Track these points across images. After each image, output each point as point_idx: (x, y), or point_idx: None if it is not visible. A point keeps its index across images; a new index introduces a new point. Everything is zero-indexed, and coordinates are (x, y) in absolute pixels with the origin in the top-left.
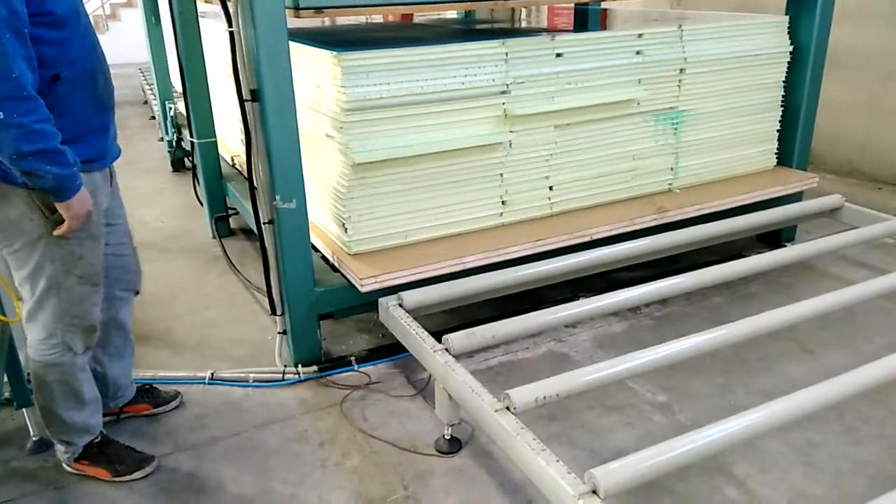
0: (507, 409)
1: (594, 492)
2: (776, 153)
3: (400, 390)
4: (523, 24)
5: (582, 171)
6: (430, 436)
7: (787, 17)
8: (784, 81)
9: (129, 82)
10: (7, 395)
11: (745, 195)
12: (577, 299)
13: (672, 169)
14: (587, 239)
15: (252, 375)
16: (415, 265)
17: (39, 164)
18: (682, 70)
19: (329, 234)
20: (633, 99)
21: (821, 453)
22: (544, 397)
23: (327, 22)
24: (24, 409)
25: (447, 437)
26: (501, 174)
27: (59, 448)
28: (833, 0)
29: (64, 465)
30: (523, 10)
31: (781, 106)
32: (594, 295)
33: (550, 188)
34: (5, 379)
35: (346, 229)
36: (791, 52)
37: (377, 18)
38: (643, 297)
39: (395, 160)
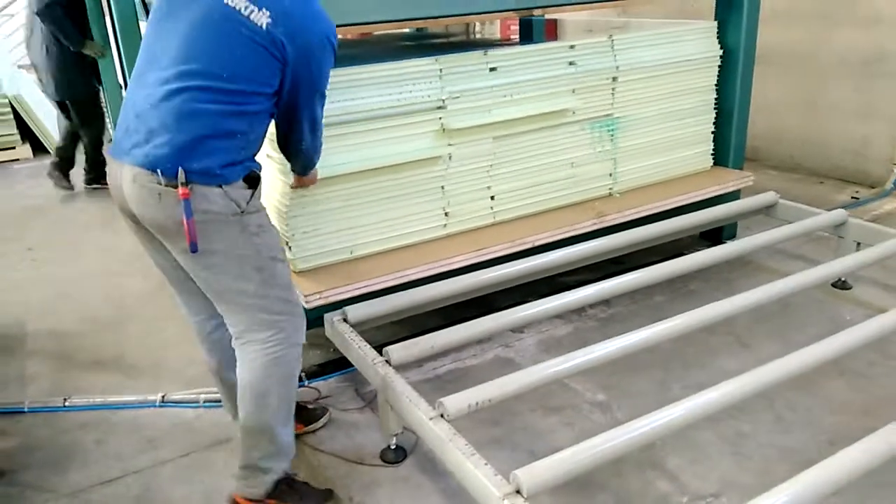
0: (441, 416)
1: (518, 492)
2: (712, 154)
3: (349, 403)
4: (478, 37)
5: (522, 180)
6: (376, 447)
7: (715, 23)
8: (716, 84)
9: None
10: None
11: (682, 196)
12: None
13: (611, 174)
14: (529, 246)
15: (203, 396)
16: (359, 279)
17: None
18: (614, 78)
19: None
20: (568, 108)
21: (750, 443)
22: (477, 403)
23: None
24: None
25: (392, 447)
26: (443, 186)
27: (246, 483)
28: (758, 4)
29: None
30: (477, 23)
31: (715, 108)
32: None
33: (492, 198)
34: None
35: (290, 247)
36: (721, 56)
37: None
38: (586, 299)
39: (336, 177)
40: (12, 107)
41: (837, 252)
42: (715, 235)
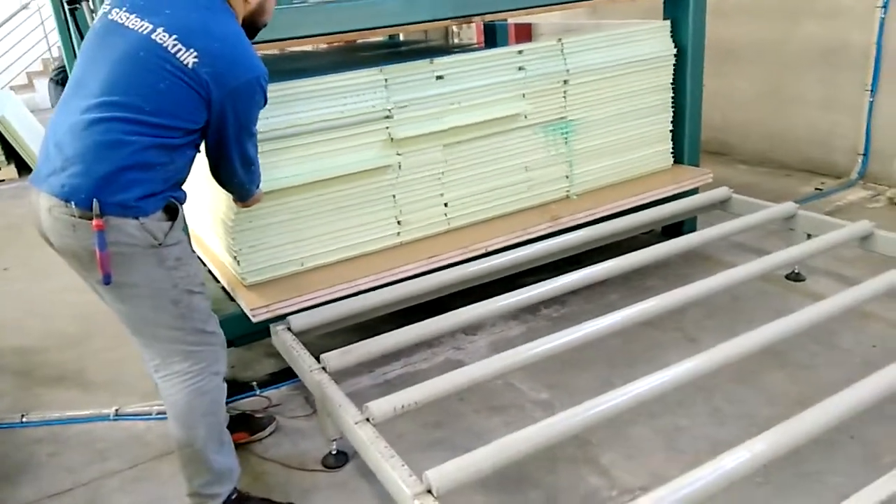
0: (367, 420)
1: (429, 491)
2: (672, 152)
3: (297, 411)
4: (455, 41)
5: (475, 186)
6: (319, 453)
7: (668, 22)
8: (672, 83)
9: None
10: None
11: (637, 196)
12: None
13: (567, 177)
14: (482, 251)
15: (155, 408)
16: (307, 291)
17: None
18: (566, 81)
19: (224, 263)
20: (519, 113)
21: (684, 436)
22: (402, 406)
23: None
24: None
25: (333, 452)
26: (394, 195)
27: None
28: (705, 2)
29: None
30: (454, 27)
31: (672, 107)
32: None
33: (445, 205)
34: None
35: (238, 261)
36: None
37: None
38: (539, 296)
39: (283, 190)
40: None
41: (789, 244)
42: (675, 233)
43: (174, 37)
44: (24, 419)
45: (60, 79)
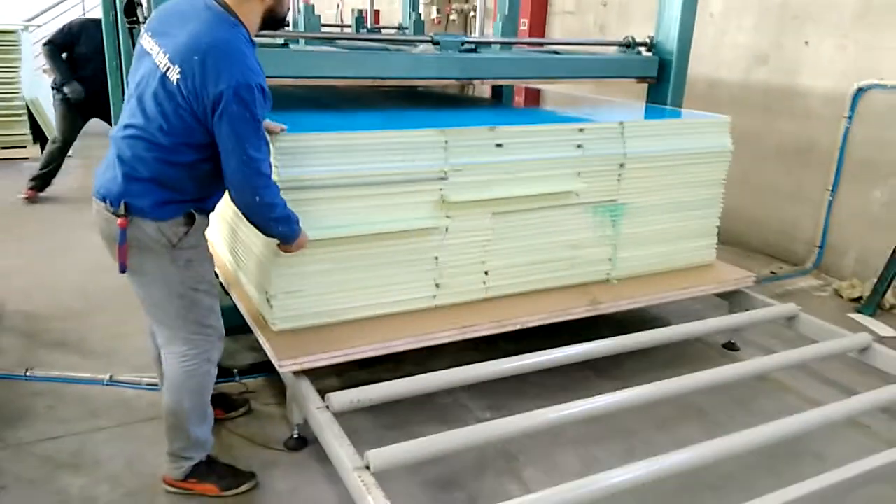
0: (327, 407)
1: (367, 467)
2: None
3: (269, 399)
4: (470, 91)
5: (518, 258)
6: (283, 436)
7: (728, 117)
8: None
9: None
10: None
11: (680, 291)
12: None
13: (610, 259)
14: (518, 327)
15: (145, 380)
16: (338, 348)
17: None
18: (622, 165)
19: (250, 297)
20: (572, 191)
21: (600, 465)
22: (359, 400)
23: None
24: None
25: (295, 436)
26: (436, 257)
27: (171, 465)
28: (682, 91)
29: (165, 485)
30: None
31: (722, 202)
32: None
33: (486, 273)
34: None
35: (271, 305)
36: None
37: None
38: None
39: (328, 240)
40: (28, 109)
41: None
42: None
43: (168, 56)
44: (27, 373)
45: (49, 49)
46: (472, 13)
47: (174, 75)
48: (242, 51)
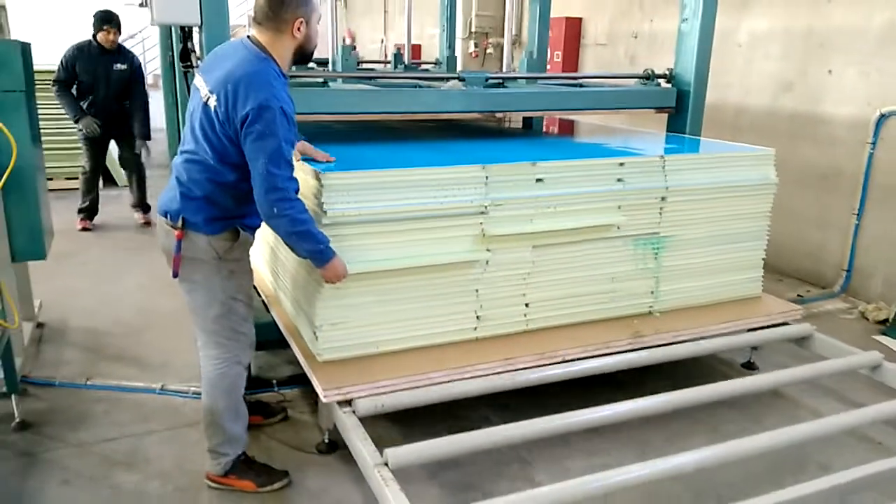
0: (353, 412)
1: (385, 464)
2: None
3: (304, 408)
4: (508, 121)
5: (559, 290)
6: (315, 441)
7: (772, 150)
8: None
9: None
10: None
11: (725, 324)
12: None
13: (653, 292)
14: (559, 360)
15: (192, 389)
16: (380, 379)
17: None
18: (663, 198)
19: (296, 327)
20: (613, 224)
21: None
22: (383, 405)
23: None
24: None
25: (325, 441)
26: (477, 290)
27: (212, 462)
28: (700, 120)
29: (208, 481)
30: None
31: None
32: None
33: (526, 305)
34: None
35: (317, 337)
36: None
37: None
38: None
39: (371, 273)
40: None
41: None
42: None
43: (209, 88)
44: (87, 382)
45: (57, 89)
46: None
47: (213, 102)
48: (269, 80)
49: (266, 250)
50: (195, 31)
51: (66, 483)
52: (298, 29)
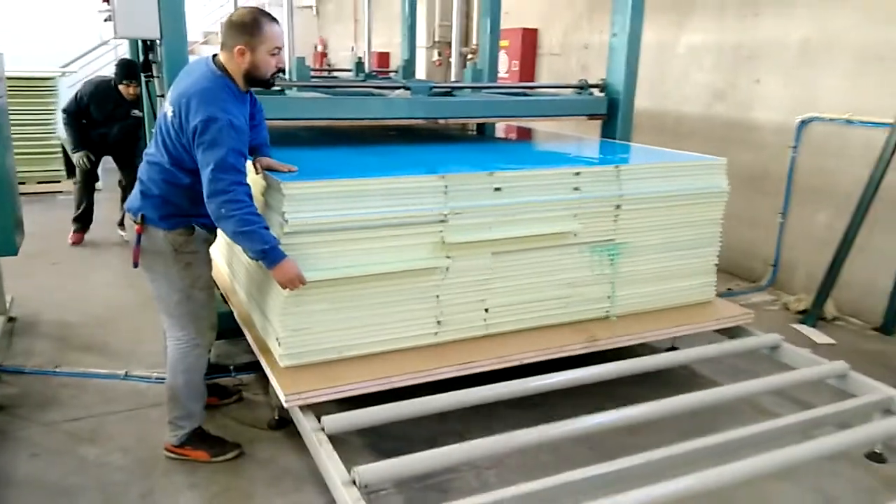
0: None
1: (322, 429)
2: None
3: (258, 390)
4: (472, 127)
5: (517, 296)
6: (267, 419)
7: (724, 159)
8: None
9: None
10: None
11: (679, 327)
12: None
13: (609, 297)
14: (516, 363)
15: (155, 374)
16: (341, 383)
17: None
18: (618, 206)
19: (258, 329)
20: (570, 231)
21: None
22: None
23: None
24: None
25: (276, 418)
26: (438, 296)
27: (170, 433)
28: (630, 126)
29: (165, 451)
30: None
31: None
32: None
33: (486, 310)
34: None
35: (279, 343)
36: None
37: None
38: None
39: (333, 280)
40: (63, 147)
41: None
42: None
43: (169, 101)
44: (56, 369)
45: (65, 118)
46: (470, 56)
47: (170, 114)
48: (219, 96)
49: (223, 245)
50: (157, 43)
51: (35, 456)
52: (242, 55)
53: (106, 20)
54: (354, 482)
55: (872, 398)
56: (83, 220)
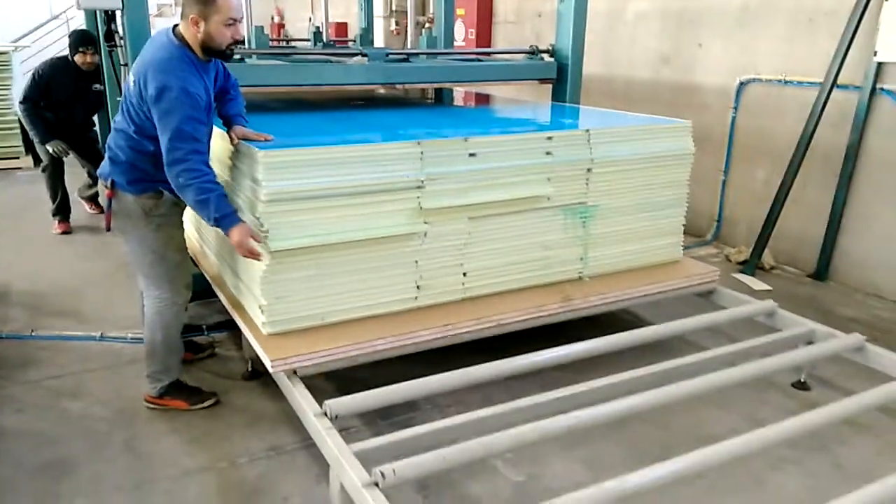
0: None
1: (295, 371)
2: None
3: (231, 347)
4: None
5: (494, 259)
6: (240, 371)
7: (689, 122)
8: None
9: None
10: None
11: (650, 285)
12: None
13: (582, 258)
14: (494, 324)
15: (130, 335)
16: (324, 348)
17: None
18: (589, 169)
19: (240, 302)
20: (543, 195)
21: (598, 463)
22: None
23: None
24: None
25: (249, 369)
26: (416, 261)
27: (149, 385)
28: (579, 88)
29: (145, 401)
30: None
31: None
32: None
33: (464, 274)
34: None
35: (262, 311)
36: None
37: None
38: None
39: (313, 247)
40: (20, 123)
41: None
42: None
43: (132, 71)
44: (32, 333)
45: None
46: (427, 24)
47: (132, 83)
48: (175, 65)
49: (190, 210)
50: (118, 13)
51: (20, 411)
52: (195, 24)
53: None
54: (326, 414)
55: (796, 331)
56: (63, 210)
